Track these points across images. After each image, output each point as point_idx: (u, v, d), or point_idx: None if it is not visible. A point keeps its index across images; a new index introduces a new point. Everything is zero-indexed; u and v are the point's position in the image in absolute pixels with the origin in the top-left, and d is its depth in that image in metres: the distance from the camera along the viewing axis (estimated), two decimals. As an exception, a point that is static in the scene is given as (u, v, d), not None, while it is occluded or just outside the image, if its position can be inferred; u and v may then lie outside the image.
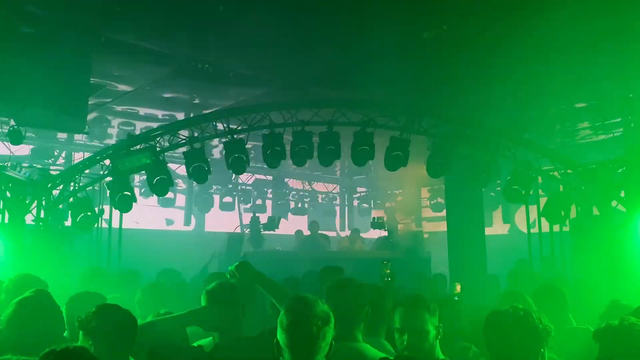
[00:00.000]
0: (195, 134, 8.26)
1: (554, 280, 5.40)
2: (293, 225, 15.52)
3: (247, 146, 8.25)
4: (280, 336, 2.30)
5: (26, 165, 8.31)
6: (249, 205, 15.86)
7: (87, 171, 8.43)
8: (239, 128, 8.15)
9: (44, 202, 8.06)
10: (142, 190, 13.36)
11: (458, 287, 5.32)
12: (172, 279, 6.80)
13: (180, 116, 9.84)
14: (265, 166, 14.33)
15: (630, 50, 6.64)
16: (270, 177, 16.60)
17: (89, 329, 2.64)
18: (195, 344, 3.16)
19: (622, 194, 7.95)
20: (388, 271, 5.11)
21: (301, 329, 2.26)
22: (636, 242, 7.36)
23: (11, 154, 7.98)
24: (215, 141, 11.01)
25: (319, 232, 12.82)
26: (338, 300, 2.77)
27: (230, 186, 15.79)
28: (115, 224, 8.88)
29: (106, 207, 8.76)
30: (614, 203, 8.02)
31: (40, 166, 9.14)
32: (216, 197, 15.51)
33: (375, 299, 3.11)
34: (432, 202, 15.76)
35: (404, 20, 5.92)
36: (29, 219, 7.92)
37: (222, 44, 6.51)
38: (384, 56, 6.89)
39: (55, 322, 3.09)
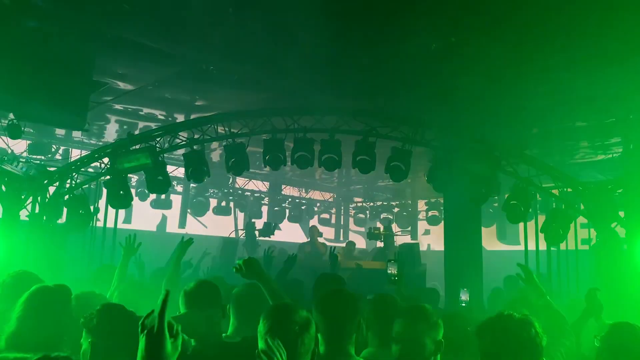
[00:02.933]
0: (196, 136, 8.20)
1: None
2: (288, 232, 15.48)
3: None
4: (260, 345, 2.26)
5: (23, 160, 8.22)
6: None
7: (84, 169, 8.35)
8: (240, 132, 8.10)
9: (39, 198, 7.96)
10: (138, 191, 13.26)
11: (466, 295, 5.07)
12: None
13: (181, 117, 9.77)
14: (263, 172, 14.41)
15: (632, 70, 6.67)
16: (267, 184, 16.55)
17: (90, 327, 2.60)
18: None
19: (622, 215, 7.93)
20: (394, 271, 4.85)
21: (278, 335, 2.21)
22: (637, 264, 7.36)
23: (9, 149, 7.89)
24: (214, 144, 10.96)
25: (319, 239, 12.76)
26: (328, 312, 2.70)
27: (226, 190, 15.71)
28: (110, 223, 8.82)
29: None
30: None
31: (37, 162, 9.04)
32: (212, 201, 15.41)
33: (386, 310, 3.02)
34: (428, 215, 15.72)
35: (413, 30, 5.91)
36: (23, 214, 7.83)
37: (229, 46, 6.46)
38: (390, 66, 6.88)
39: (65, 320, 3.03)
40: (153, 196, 13.46)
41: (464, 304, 5.04)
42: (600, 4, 5.19)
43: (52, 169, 8.52)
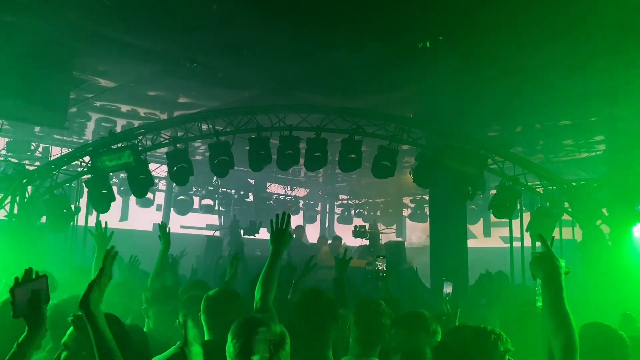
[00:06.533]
0: (180, 134, 8.06)
1: None
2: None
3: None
4: None
5: (1, 159, 8.01)
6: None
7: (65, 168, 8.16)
8: (225, 130, 7.98)
9: (17, 198, 7.76)
10: (122, 189, 13.03)
11: (449, 288, 4.92)
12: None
13: (163, 115, 9.62)
14: (247, 170, 14.26)
15: (614, 69, 6.74)
16: (252, 182, 16.41)
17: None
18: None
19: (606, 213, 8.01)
20: (383, 267, 4.71)
21: (251, 357, 2.06)
22: (622, 260, 7.45)
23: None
24: (198, 142, 10.81)
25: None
26: (306, 317, 2.59)
27: (211, 188, 15.52)
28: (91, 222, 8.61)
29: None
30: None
31: (16, 160, 8.82)
32: (196, 199, 15.21)
33: (371, 315, 2.95)
34: (413, 213, 15.76)
35: (399, 29, 5.87)
36: (1, 214, 7.62)
37: (213, 43, 6.35)
38: (376, 65, 6.83)
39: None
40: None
41: (447, 297, 4.96)
42: (581, 5, 5.22)
43: (31, 167, 8.31)
